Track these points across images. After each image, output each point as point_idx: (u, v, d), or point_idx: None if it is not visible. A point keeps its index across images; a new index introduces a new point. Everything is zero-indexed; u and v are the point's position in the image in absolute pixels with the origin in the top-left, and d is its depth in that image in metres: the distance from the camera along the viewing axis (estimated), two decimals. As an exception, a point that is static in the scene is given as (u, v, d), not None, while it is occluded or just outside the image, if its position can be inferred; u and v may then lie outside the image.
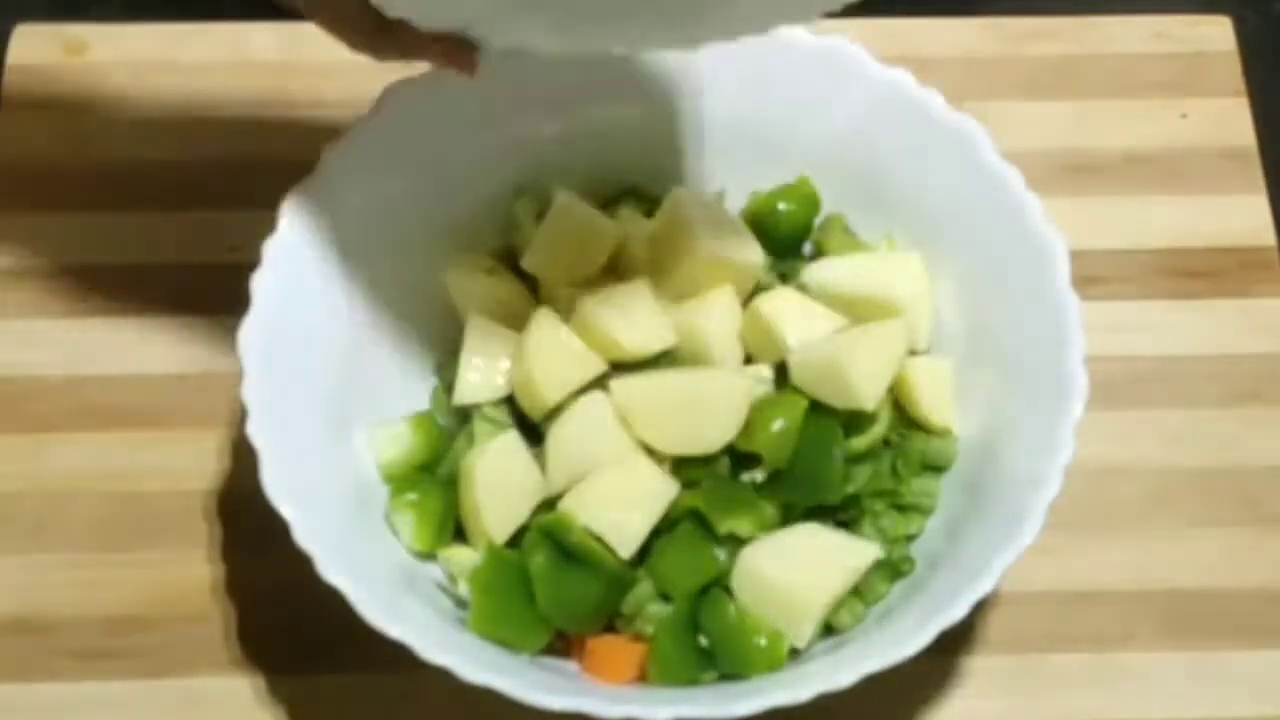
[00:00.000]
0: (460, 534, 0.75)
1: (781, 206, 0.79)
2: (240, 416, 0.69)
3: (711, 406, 0.72)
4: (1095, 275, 0.84)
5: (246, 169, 0.87)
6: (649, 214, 0.79)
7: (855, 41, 0.78)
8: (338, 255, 0.75)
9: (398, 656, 0.65)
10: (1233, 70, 0.92)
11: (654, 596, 0.72)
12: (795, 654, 0.71)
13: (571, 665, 0.72)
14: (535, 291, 0.78)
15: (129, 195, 0.86)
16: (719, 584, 0.71)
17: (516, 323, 0.76)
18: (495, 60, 0.69)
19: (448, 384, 0.77)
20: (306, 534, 0.66)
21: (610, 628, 0.73)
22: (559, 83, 0.78)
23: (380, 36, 0.67)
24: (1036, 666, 0.76)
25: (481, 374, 0.75)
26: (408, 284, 0.78)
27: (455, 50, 0.69)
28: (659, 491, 0.72)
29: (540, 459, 0.73)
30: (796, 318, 0.75)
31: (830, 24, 0.89)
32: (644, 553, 0.72)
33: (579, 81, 0.78)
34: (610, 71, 0.79)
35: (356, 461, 0.74)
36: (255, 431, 0.68)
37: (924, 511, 0.75)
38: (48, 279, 0.84)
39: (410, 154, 0.77)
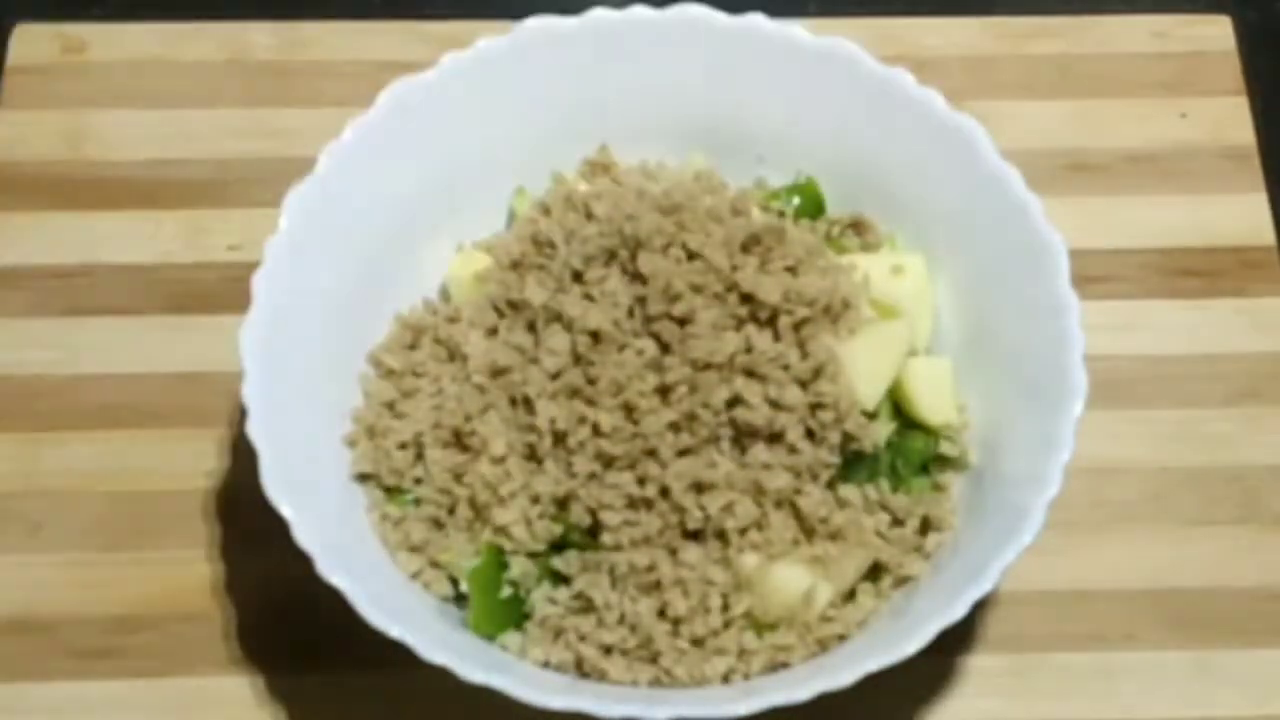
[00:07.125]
0: (460, 534, 0.74)
1: (782, 206, 0.79)
2: (240, 416, 0.69)
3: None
4: (1095, 274, 0.84)
5: (246, 169, 0.87)
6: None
7: (855, 41, 0.78)
8: (338, 255, 0.75)
9: (398, 656, 0.65)
10: (1232, 70, 0.92)
11: (654, 596, 0.72)
12: (795, 654, 0.71)
13: (571, 665, 0.72)
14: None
15: (128, 195, 0.86)
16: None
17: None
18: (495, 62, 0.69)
19: (447, 383, 0.77)
20: (306, 534, 0.66)
21: (610, 627, 0.72)
22: (559, 83, 0.78)
23: None
24: (1036, 666, 0.76)
25: (481, 372, 0.75)
26: (408, 283, 0.78)
27: None
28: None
29: (540, 459, 0.73)
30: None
31: (830, 24, 0.89)
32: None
33: (578, 82, 0.79)
34: (610, 72, 0.79)
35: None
36: (255, 431, 0.68)
37: (924, 511, 0.75)
38: (48, 279, 0.84)
39: (410, 153, 0.77)
